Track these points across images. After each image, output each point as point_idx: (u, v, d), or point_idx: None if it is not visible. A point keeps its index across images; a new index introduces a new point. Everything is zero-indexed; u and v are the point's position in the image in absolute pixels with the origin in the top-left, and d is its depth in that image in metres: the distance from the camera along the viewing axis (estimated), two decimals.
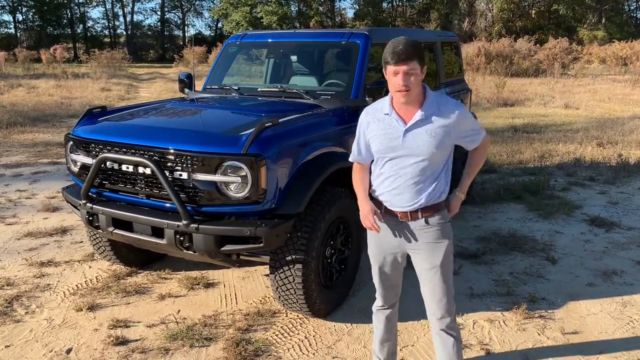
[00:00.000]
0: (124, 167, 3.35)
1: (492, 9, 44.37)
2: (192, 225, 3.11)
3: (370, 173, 2.59)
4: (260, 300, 3.85)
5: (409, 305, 3.75)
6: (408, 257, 2.60)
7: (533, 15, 43.25)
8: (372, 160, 2.54)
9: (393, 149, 2.37)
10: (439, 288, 2.50)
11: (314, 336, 3.38)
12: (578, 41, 35.14)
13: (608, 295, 3.93)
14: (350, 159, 2.63)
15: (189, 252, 3.26)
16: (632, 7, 50.17)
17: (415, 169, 2.36)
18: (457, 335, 2.61)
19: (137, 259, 4.30)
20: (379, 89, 3.80)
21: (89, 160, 3.52)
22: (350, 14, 60.89)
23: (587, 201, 6.16)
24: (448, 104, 2.41)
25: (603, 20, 43.97)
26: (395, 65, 2.24)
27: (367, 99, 3.91)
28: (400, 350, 3.22)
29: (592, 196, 6.39)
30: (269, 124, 3.20)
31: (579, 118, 12.42)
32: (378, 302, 2.77)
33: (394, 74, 2.27)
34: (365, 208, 2.49)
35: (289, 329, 3.46)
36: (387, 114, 2.39)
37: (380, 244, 2.57)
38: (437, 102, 2.38)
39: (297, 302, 3.39)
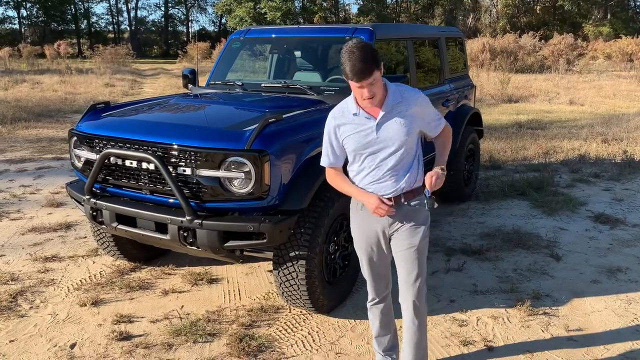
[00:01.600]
0: (127, 163, 3.35)
1: (497, 5, 44.19)
2: (195, 220, 3.11)
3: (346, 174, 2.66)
4: (264, 296, 3.85)
5: None
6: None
7: (538, 11, 43.05)
8: (346, 162, 2.63)
9: (370, 144, 2.48)
10: (416, 266, 2.61)
11: (317, 332, 3.38)
12: (583, 37, 34.97)
13: (613, 292, 3.91)
14: (323, 164, 2.66)
15: (193, 247, 3.26)
16: (637, 3, 49.86)
17: (393, 158, 2.49)
18: (424, 324, 2.72)
19: (141, 254, 4.30)
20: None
21: (92, 156, 3.52)
22: (354, 9, 60.74)
23: (591, 198, 6.13)
24: (409, 91, 2.54)
25: (608, 16, 43.73)
26: (359, 82, 2.32)
27: None
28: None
29: (597, 193, 6.36)
30: (273, 119, 3.20)
31: (583, 114, 12.36)
32: (370, 296, 2.81)
33: (358, 87, 2.36)
34: (370, 198, 2.52)
35: (293, 324, 3.46)
36: (356, 114, 2.48)
37: (366, 234, 2.65)
38: (399, 91, 2.50)
39: (301, 298, 3.39)
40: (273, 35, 4.99)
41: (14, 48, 31.00)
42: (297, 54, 4.96)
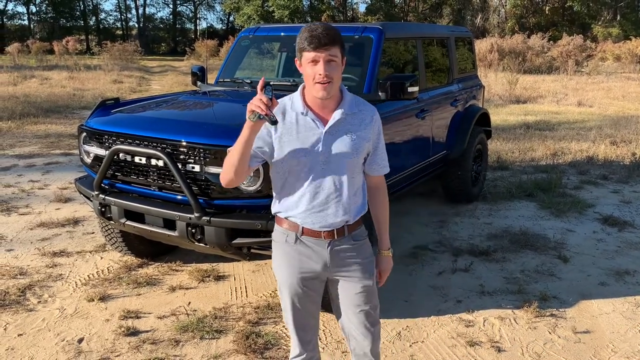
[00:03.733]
0: (136, 159, 3.37)
1: (506, 5, 44.04)
2: (204, 217, 3.12)
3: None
4: (271, 294, 3.85)
5: (419, 300, 3.74)
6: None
7: (547, 12, 42.84)
8: (268, 185, 2.19)
9: (312, 156, 1.99)
10: (372, 312, 2.18)
11: (323, 330, 3.38)
12: (592, 38, 34.78)
13: (620, 295, 3.89)
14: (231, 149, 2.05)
15: (201, 244, 3.28)
16: None
17: (339, 180, 2.03)
18: None
19: (148, 250, 4.32)
20: (396, 84, 3.78)
21: (102, 152, 3.54)
22: (362, 8, 60.61)
23: (599, 200, 6.10)
24: (367, 104, 2.12)
25: (618, 17, 43.47)
26: (315, 50, 1.90)
27: (379, 93, 3.89)
28: (410, 346, 3.22)
29: (605, 195, 6.33)
30: None
31: (592, 116, 12.30)
32: (294, 351, 2.27)
33: (312, 62, 1.92)
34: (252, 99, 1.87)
35: None
36: (303, 113, 2.01)
37: (297, 274, 2.12)
38: (355, 101, 2.08)
39: None
40: (282, 34, 4.99)
41: (23, 44, 31.14)
42: None
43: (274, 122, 1.84)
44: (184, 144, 3.19)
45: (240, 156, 1.93)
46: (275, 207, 2.15)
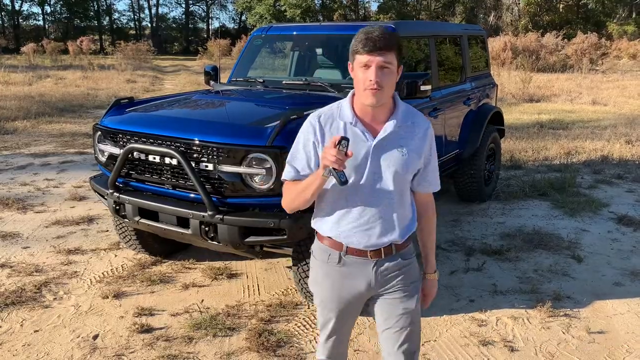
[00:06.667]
0: (150, 158, 3.39)
1: (519, 3, 43.67)
2: (217, 216, 3.14)
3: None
4: (283, 292, 3.87)
5: None
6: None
7: (561, 10, 42.39)
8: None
9: (359, 170, 1.88)
10: (412, 337, 2.05)
11: None
12: (607, 36, 34.38)
13: (635, 295, 3.85)
14: (285, 177, 1.98)
15: (214, 242, 3.30)
16: None
17: (387, 194, 1.91)
18: None
19: (162, 248, 4.35)
20: (409, 82, 3.78)
21: (116, 151, 3.57)
22: (374, 7, 60.56)
23: (614, 199, 6.04)
24: (421, 116, 1.99)
25: (633, 15, 42.92)
26: (369, 54, 1.78)
27: None
28: (422, 345, 3.21)
29: (620, 194, 6.26)
30: (294, 116, 3.21)
31: (606, 114, 12.17)
32: (320, 355, 2.20)
33: (364, 66, 1.80)
34: (325, 151, 1.73)
35: (311, 320, 3.48)
36: (352, 124, 1.88)
37: (342, 295, 2.02)
38: (408, 112, 1.95)
39: None
40: (294, 33, 5.00)
41: (38, 44, 31.49)
42: (318, 51, 4.97)
43: (344, 183, 1.73)
44: (197, 142, 3.21)
45: (312, 196, 1.87)
46: (316, 223, 2.03)
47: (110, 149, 3.65)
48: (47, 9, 50.90)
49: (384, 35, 1.78)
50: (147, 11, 57.78)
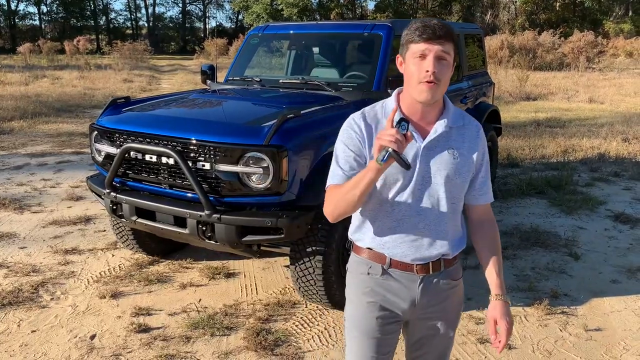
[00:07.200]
0: (147, 157, 3.39)
1: (516, 1, 43.73)
2: (214, 215, 3.14)
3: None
4: (280, 291, 3.87)
5: None
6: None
7: (557, 8, 42.44)
8: None
9: (407, 174, 1.68)
10: None
11: (333, 327, 3.39)
12: (604, 34, 34.44)
13: (632, 292, 3.87)
14: (332, 182, 1.75)
15: (211, 242, 3.29)
16: None
17: (438, 202, 1.72)
18: None
19: (159, 248, 4.35)
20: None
21: (113, 150, 3.57)
22: (371, 6, 60.55)
23: (611, 197, 6.06)
24: (471, 118, 1.82)
25: (630, 13, 43.00)
26: (426, 42, 1.59)
27: (389, 91, 3.89)
28: None
29: (617, 192, 6.28)
30: (291, 115, 3.21)
31: (603, 113, 12.20)
32: None
33: (420, 56, 1.60)
34: (381, 133, 1.53)
35: (309, 319, 3.48)
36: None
37: (376, 312, 1.79)
38: (458, 113, 1.78)
39: (317, 293, 3.40)
40: (291, 32, 5.00)
41: (34, 44, 31.42)
42: (315, 50, 4.97)
43: (408, 166, 1.54)
44: (195, 142, 3.21)
45: (361, 197, 1.62)
46: (355, 234, 1.82)
47: (107, 148, 3.64)
48: (44, 8, 50.90)
49: (444, 25, 1.62)
50: (143, 11, 57.82)
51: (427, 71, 1.59)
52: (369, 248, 1.78)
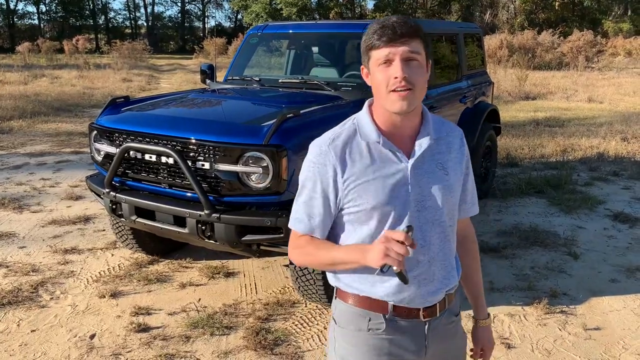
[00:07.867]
0: (147, 157, 3.39)
1: (515, 1, 43.73)
2: (213, 214, 3.14)
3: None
4: (280, 291, 3.87)
5: None
6: None
7: (557, 7, 42.45)
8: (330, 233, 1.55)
9: (399, 202, 1.43)
10: None
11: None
12: (603, 34, 34.45)
13: (631, 291, 3.87)
14: (295, 227, 1.56)
15: (210, 241, 3.30)
16: None
17: (440, 229, 1.48)
18: None
19: (159, 247, 4.35)
20: None
21: (112, 150, 3.57)
22: (370, 5, 60.45)
23: (610, 196, 6.06)
24: (450, 124, 1.60)
25: (629, 13, 43.03)
26: (388, 45, 1.37)
27: None
28: None
29: (616, 191, 6.28)
30: (291, 115, 3.21)
31: (602, 112, 12.20)
32: None
33: (385, 62, 1.38)
34: (374, 244, 1.33)
35: (308, 319, 3.48)
36: (378, 142, 1.44)
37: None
38: (438, 120, 1.56)
39: (317, 292, 3.41)
40: (290, 31, 5.00)
41: (33, 43, 31.36)
42: (315, 49, 4.97)
43: (407, 282, 1.34)
44: (194, 141, 3.21)
45: (340, 270, 1.48)
46: (341, 280, 1.51)
47: (106, 148, 3.64)
48: (43, 8, 50.81)
49: (405, 22, 1.38)
50: (142, 10, 57.55)
51: (396, 77, 1.36)
52: (366, 296, 1.48)
